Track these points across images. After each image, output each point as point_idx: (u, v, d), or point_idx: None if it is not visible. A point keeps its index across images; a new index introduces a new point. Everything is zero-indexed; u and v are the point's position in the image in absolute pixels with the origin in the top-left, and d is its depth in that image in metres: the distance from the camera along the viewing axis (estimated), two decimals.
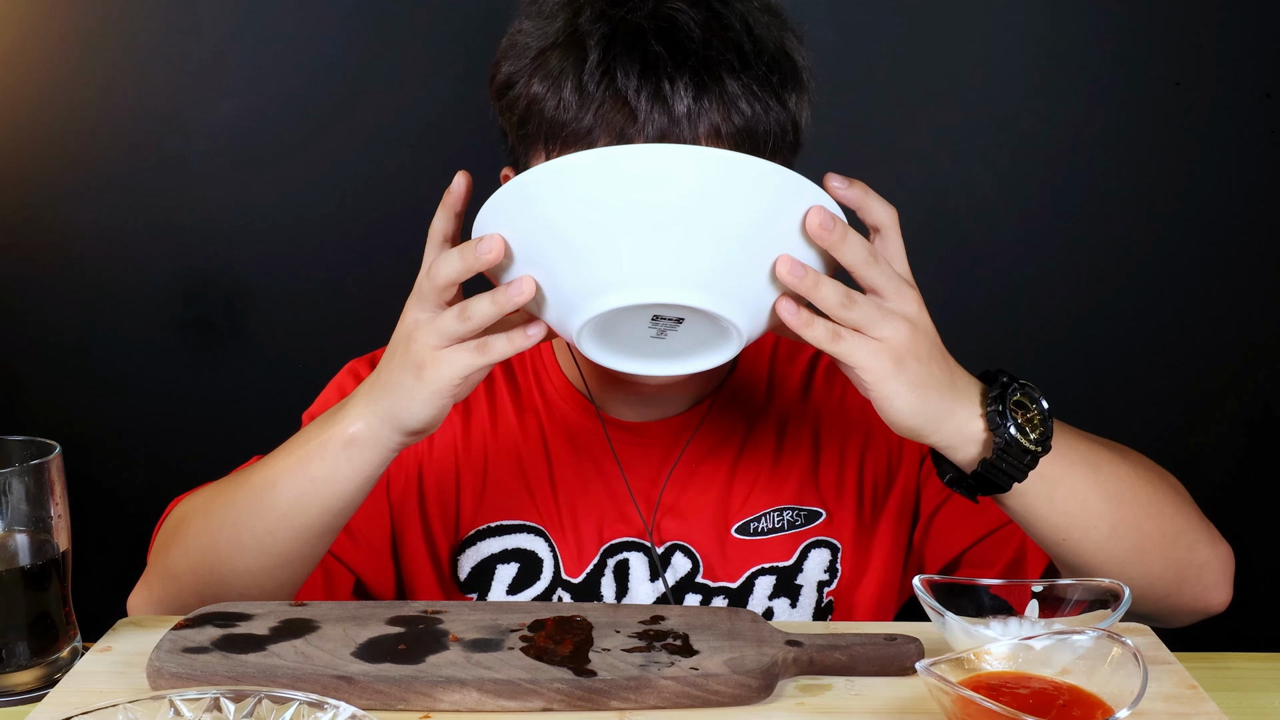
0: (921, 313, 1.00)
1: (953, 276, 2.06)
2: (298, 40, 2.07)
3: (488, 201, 0.96)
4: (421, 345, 1.01)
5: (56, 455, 1.03)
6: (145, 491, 2.10)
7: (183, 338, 2.13)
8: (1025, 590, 1.01)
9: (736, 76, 1.10)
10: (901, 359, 0.98)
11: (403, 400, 1.04)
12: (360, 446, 1.07)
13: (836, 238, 0.95)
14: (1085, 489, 1.08)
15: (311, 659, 0.95)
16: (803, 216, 0.94)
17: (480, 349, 1.01)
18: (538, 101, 1.12)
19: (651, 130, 1.08)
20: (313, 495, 1.09)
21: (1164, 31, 2.03)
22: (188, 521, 1.18)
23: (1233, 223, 2.08)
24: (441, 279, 1.00)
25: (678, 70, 1.08)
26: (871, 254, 0.97)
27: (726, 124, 1.10)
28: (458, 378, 1.01)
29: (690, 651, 0.96)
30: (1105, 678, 0.88)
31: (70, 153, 2.08)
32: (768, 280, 0.96)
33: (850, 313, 0.97)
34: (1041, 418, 1.04)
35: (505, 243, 0.97)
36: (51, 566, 1.03)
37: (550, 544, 1.29)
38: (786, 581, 1.29)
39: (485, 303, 0.99)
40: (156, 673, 0.94)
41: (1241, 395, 2.13)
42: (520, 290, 0.97)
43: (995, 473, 1.03)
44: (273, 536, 1.11)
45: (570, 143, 1.11)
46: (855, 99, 2.03)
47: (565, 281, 0.96)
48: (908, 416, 1.01)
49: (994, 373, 1.06)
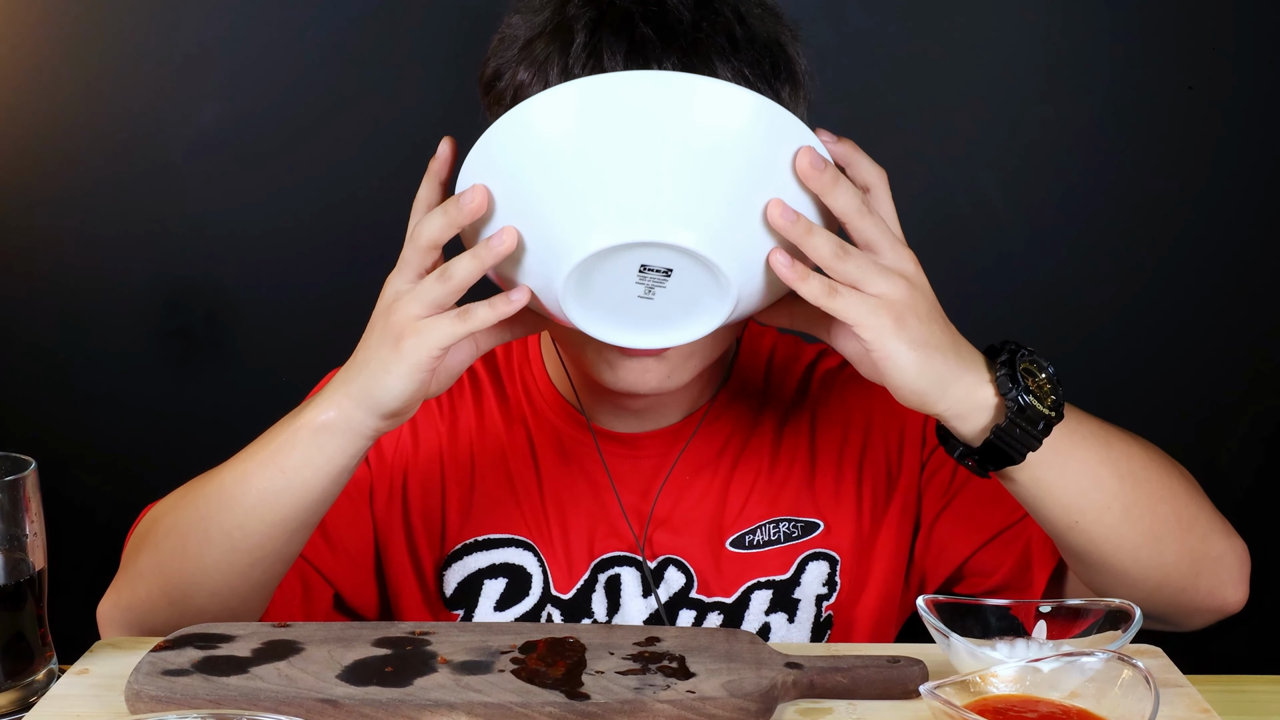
0: (919, 272, 0.99)
1: (958, 285, 2.02)
2: (282, 43, 2.05)
3: (472, 150, 0.94)
4: (402, 315, 0.99)
5: (32, 471, 1.01)
6: (124, 508, 2.06)
7: (163, 349, 2.11)
8: (1032, 610, 1.00)
9: (726, 60, 1.09)
10: (901, 315, 0.97)
11: (378, 375, 1.02)
12: (333, 433, 1.05)
13: (827, 180, 0.94)
14: (1098, 465, 1.06)
15: (295, 681, 0.94)
16: (793, 158, 0.93)
17: (462, 316, 0.98)
18: (524, 90, 1.10)
19: None
20: (284, 487, 1.07)
21: (1176, 33, 2.01)
22: (158, 521, 1.16)
23: (1248, 231, 2.06)
24: (425, 239, 0.99)
25: (665, 52, 1.07)
26: (865, 204, 0.96)
27: None
28: (438, 348, 0.99)
29: (687, 674, 0.95)
30: (1115, 701, 0.87)
31: (46, 158, 2.06)
32: (760, 227, 0.95)
33: (845, 264, 0.95)
34: (1051, 385, 1.02)
35: (489, 193, 0.95)
36: (27, 586, 1.01)
37: (539, 559, 1.28)
38: (784, 595, 1.27)
39: (465, 260, 0.97)
40: (135, 696, 0.93)
41: (1256, 409, 2.11)
42: (502, 240, 0.95)
43: (1009, 440, 1.01)
44: (241, 531, 1.09)
45: None
46: (857, 102, 2.01)
47: (550, 227, 0.95)
48: (913, 377, 0.99)
49: (997, 345, 1.04)
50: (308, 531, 1.12)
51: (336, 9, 2.04)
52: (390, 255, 1.04)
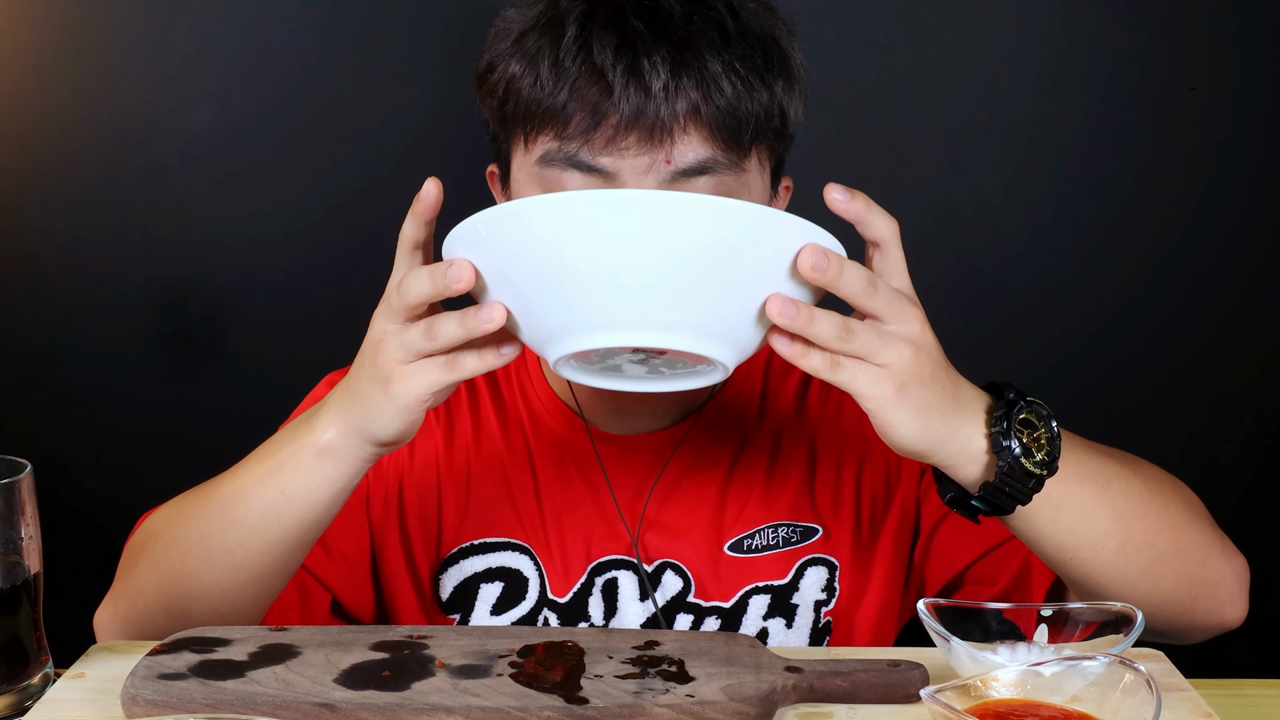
0: (924, 331, 0.96)
1: (960, 286, 2.04)
2: (278, 45, 2.05)
3: (457, 228, 0.93)
4: (388, 358, 0.99)
5: (27, 474, 1.01)
6: (120, 512, 2.06)
7: (159, 352, 2.10)
8: (1033, 613, 0.99)
9: (717, 54, 1.09)
10: (905, 384, 0.95)
11: (372, 414, 1.01)
12: (333, 457, 1.05)
13: (832, 275, 0.91)
14: (1093, 507, 1.06)
15: (293, 686, 0.93)
16: (794, 255, 0.91)
17: (449, 365, 0.98)
18: (515, 81, 1.12)
19: (627, 107, 1.08)
20: (285, 507, 1.07)
21: (1178, 32, 2.01)
22: (155, 535, 1.16)
23: (1250, 232, 2.06)
24: (411, 298, 0.98)
25: (655, 45, 1.07)
26: (870, 282, 0.94)
27: (706, 105, 1.09)
28: (426, 393, 0.99)
29: (686, 678, 0.94)
30: (1117, 705, 0.86)
31: (41, 159, 2.05)
32: (757, 319, 0.93)
33: (849, 344, 0.93)
34: (1049, 437, 1.01)
35: (475, 269, 0.94)
36: (22, 590, 1.00)
37: (536, 562, 1.27)
38: (782, 600, 1.27)
39: (453, 324, 0.96)
40: (132, 700, 0.92)
41: (1259, 408, 2.10)
42: (490, 317, 0.94)
43: (998, 495, 1.01)
44: (243, 550, 1.09)
45: (546, 122, 1.10)
46: (858, 103, 2.01)
47: (540, 315, 0.94)
48: (912, 442, 0.98)
49: (1000, 385, 1.03)
50: (307, 548, 1.12)
51: (331, 13, 2.04)
52: (384, 260, 1.03)
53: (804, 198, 1.18)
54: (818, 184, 0.95)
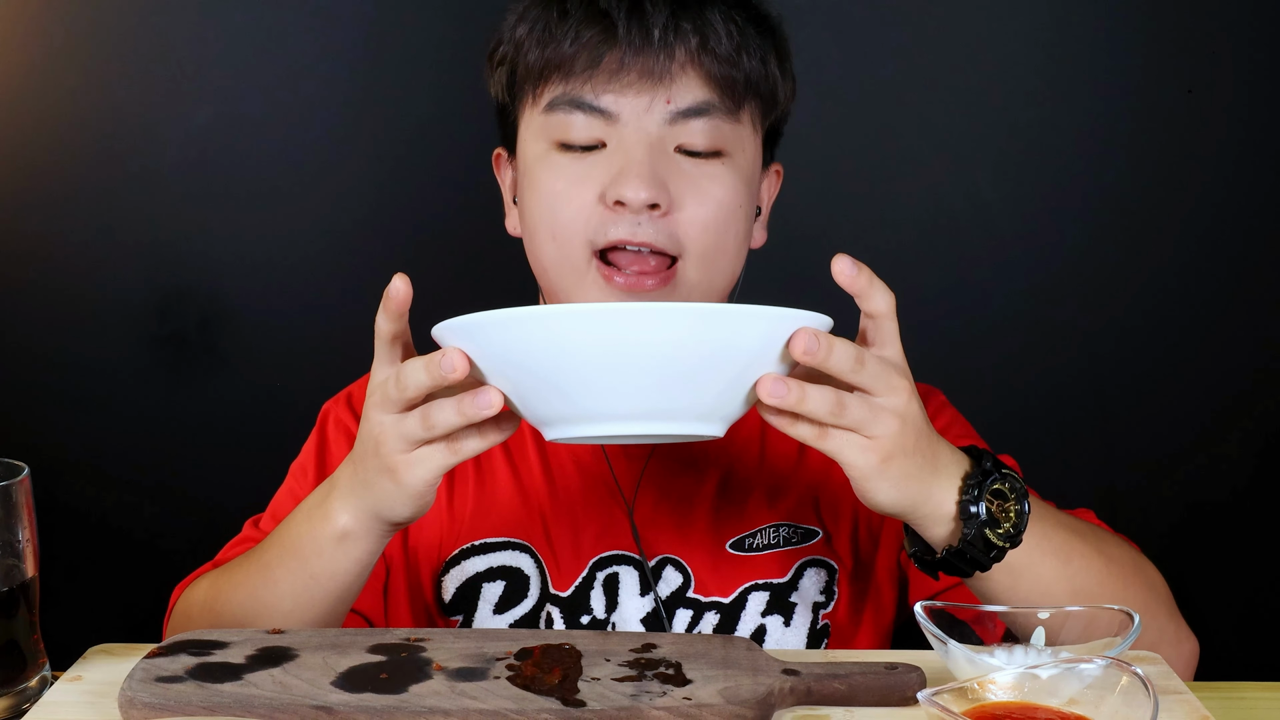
0: (910, 402, 0.99)
1: (956, 290, 2.04)
2: (274, 52, 2.05)
3: (455, 321, 0.95)
4: (390, 450, 1.01)
5: (24, 477, 1.00)
6: (116, 515, 2.08)
7: (156, 355, 2.10)
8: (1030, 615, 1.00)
9: (716, 5, 1.15)
10: (889, 455, 0.98)
11: (384, 501, 1.04)
12: (353, 539, 1.07)
13: (823, 356, 0.94)
14: (1051, 580, 1.08)
15: (290, 688, 0.93)
16: (784, 342, 0.94)
17: (451, 450, 1.01)
18: (524, 42, 1.17)
19: (629, 47, 1.13)
20: (315, 589, 1.10)
21: (1175, 36, 2.02)
22: (193, 620, 1.18)
23: (1246, 236, 2.06)
24: (410, 391, 0.99)
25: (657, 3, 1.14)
26: (858, 359, 0.96)
27: (705, 50, 1.14)
28: (433, 478, 1.02)
29: (683, 681, 0.94)
30: (1114, 708, 0.86)
31: (38, 162, 2.05)
32: (748, 397, 0.97)
33: (841, 419, 0.96)
34: (1018, 510, 1.03)
35: (468, 360, 0.96)
36: (19, 592, 1.00)
37: (536, 559, 1.28)
38: (780, 598, 1.27)
39: (449, 412, 0.98)
40: (129, 703, 0.92)
41: (1254, 414, 2.11)
42: (488, 404, 0.96)
43: (960, 559, 1.03)
44: (286, 623, 1.12)
45: (552, 70, 1.15)
46: (854, 104, 2.01)
47: (536, 405, 0.97)
48: (888, 506, 1.01)
49: (979, 452, 1.05)
50: (347, 609, 1.14)
51: (329, 18, 2.04)
52: (381, 263, 1.04)
53: (804, 198, 1.19)
54: (816, 184, 0.96)
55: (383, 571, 1.29)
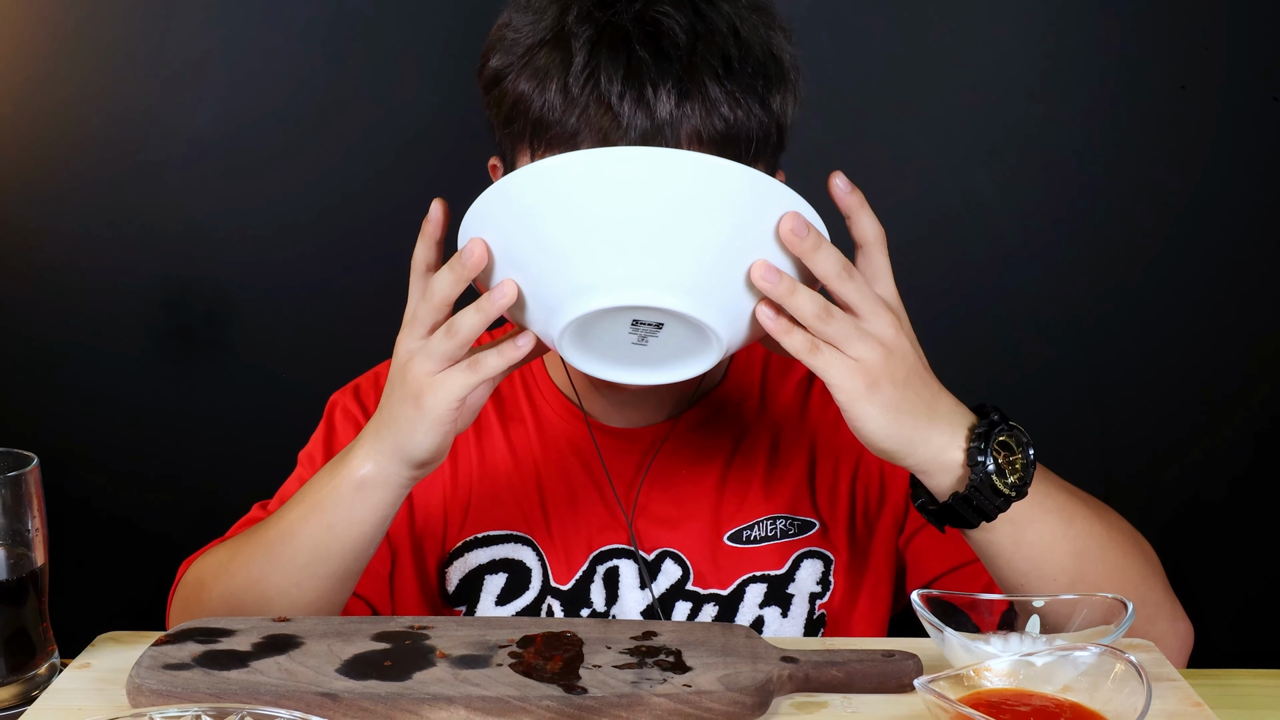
0: (899, 337, 1.00)
1: (954, 284, 2.04)
2: (278, 46, 2.05)
3: (471, 207, 0.97)
4: (416, 373, 1.02)
5: (34, 467, 1.01)
6: (124, 505, 2.08)
7: (162, 347, 2.11)
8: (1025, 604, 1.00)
9: (720, 83, 1.10)
10: (875, 381, 0.98)
11: (406, 432, 1.04)
12: (372, 487, 1.08)
13: (809, 245, 0.95)
14: (1053, 539, 1.08)
15: (295, 676, 0.94)
16: (778, 222, 0.94)
17: (472, 367, 1.01)
18: (524, 99, 1.13)
19: (634, 134, 1.09)
20: (332, 542, 1.10)
21: (1170, 33, 2.02)
22: (207, 585, 1.18)
23: (1241, 229, 2.06)
24: (438, 297, 1.01)
25: (661, 77, 1.09)
26: (846, 268, 0.97)
27: (708, 128, 1.11)
28: (455, 400, 1.02)
29: (683, 668, 0.95)
30: (1108, 695, 0.87)
31: (45, 157, 2.06)
32: (746, 286, 0.97)
33: (827, 326, 0.97)
34: (1024, 463, 1.04)
35: (487, 245, 0.97)
36: (29, 581, 1.01)
37: (538, 553, 1.29)
38: (778, 590, 1.28)
39: (470, 314, 1.00)
40: (136, 690, 0.93)
41: (1250, 405, 2.11)
42: (503, 294, 0.98)
43: (965, 507, 1.03)
44: (299, 589, 1.12)
45: (555, 143, 1.12)
46: (853, 104, 2.02)
47: (546, 284, 0.98)
48: (880, 439, 1.01)
49: (987, 407, 1.06)
50: (358, 576, 1.15)
51: (332, 13, 2.04)
52: (386, 255, 1.05)
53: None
54: (813, 186, 0.97)
55: (388, 557, 1.30)
